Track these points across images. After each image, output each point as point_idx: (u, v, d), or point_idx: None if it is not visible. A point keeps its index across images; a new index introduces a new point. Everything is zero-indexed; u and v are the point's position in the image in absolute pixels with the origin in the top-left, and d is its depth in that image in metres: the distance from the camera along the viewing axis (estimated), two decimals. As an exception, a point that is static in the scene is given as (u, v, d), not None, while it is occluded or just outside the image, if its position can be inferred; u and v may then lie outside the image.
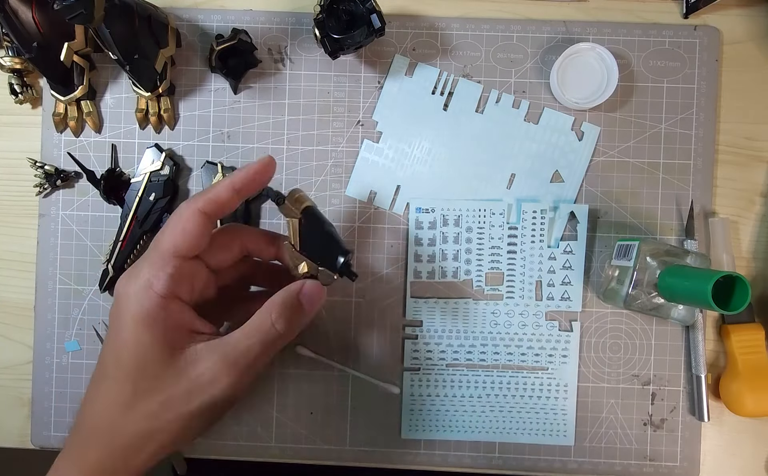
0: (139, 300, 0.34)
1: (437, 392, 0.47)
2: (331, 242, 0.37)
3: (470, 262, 0.47)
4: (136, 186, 0.46)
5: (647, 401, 0.47)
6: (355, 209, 0.47)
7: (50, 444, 0.48)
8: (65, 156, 0.47)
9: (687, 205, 0.47)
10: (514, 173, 0.47)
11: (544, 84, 0.47)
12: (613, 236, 0.47)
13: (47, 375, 0.48)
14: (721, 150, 0.47)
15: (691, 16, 0.47)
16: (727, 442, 0.48)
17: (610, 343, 0.47)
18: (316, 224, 0.38)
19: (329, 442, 0.48)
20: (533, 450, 0.47)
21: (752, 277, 0.47)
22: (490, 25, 0.47)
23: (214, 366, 0.34)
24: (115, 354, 0.35)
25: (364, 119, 0.48)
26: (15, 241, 0.48)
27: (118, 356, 0.34)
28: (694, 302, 0.38)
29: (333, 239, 0.38)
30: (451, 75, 0.47)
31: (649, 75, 0.47)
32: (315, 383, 0.48)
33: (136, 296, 0.34)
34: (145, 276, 0.34)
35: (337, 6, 0.42)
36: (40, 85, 0.48)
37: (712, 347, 0.48)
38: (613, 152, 0.47)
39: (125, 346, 0.34)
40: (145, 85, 0.45)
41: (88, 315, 0.48)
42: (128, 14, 0.41)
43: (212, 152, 0.48)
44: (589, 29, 0.47)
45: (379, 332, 0.48)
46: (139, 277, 0.35)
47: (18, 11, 0.41)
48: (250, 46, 0.46)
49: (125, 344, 0.34)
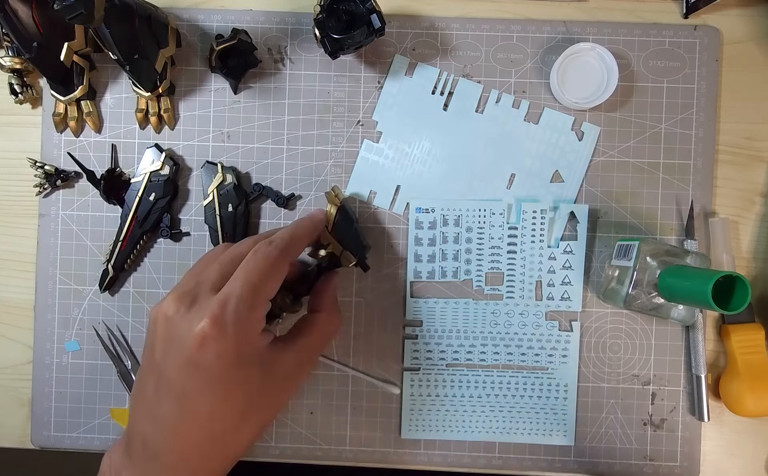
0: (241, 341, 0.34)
1: (437, 392, 0.47)
2: (356, 234, 0.44)
3: (470, 262, 0.47)
4: (136, 186, 0.46)
5: (647, 401, 0.47)
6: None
7: (50, 444, 0.48)
8: (65, 156, 0.47)
9: (687, 205, 0.47)
10: (514, 173, 0.47)
11: (544, 84, 0.47)
12: (613, 236, 0.47)
13: (47, 375, 0.48)
14: (721, 150, 0.47)
15: (691, 16, 0.47)
16: (727, 442, 0.48)
17: (610, 343, 0.47)
18: (348, 216, 0.44)
19: (329, 442, 0.48)
20: (533, 450, 0.47)
21: (752, 277, 0.47)
22: (490, 25, 0.47)
23: (296, 369, 0.38)
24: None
25: (364, 119, 0.48)
26: (15, 241, 0.48)
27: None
28: (694, 302, 0.38)
29: (358, 232, 0.45)
30: (451, 75, 0.47)
31: (649, 75, 0.47)
32: (315, 383, 0.48)
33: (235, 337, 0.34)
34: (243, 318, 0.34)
35: (337, 6, 0.42)
36: (40, 85, 0.48)
37: (712, 347, 0.48)
38: (613, 152, 0.47)
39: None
40: (145, 85, 0.45)
41: (88, 315, 0.48)
42: (128, 14, 0.41)
43: (212, 152, 0.48)
44: (589, 29, 0.47)
45: (379, 332, 0.48)
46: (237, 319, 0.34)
47: (18, 11, 0.41)
48: (250, 46, 0.46)
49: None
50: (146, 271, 0.48)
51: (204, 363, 0.32)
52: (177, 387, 0.33)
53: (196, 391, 0.33)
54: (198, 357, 0.32)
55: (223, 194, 0.46)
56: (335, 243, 0.44)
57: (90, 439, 0.48)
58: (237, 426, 0.35)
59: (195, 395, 0.33)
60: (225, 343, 0.33)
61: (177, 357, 0.33)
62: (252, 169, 0.48)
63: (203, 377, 0.33)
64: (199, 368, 0.33)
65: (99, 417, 0.48)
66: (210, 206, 0.46)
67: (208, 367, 0.33)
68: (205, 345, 0.32)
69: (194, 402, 0.33)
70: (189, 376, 0.33)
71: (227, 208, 0.46)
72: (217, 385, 0.33)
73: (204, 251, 0.48)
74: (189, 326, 0.33)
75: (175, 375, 0.33)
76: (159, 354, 0.34)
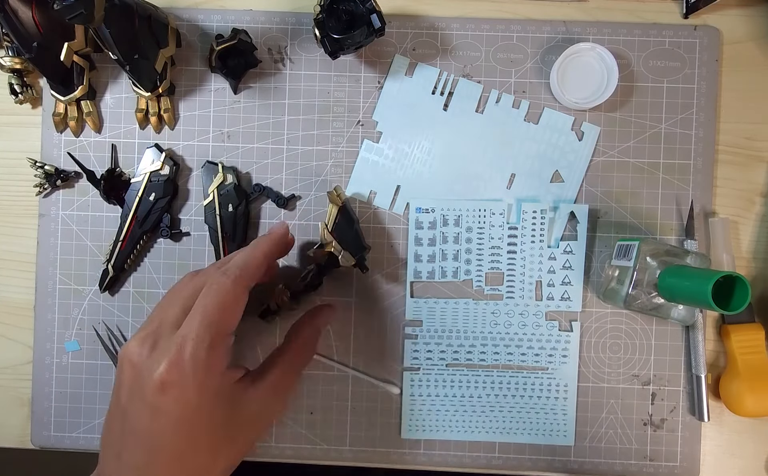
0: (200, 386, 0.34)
1: (437, 392, 0.47)
2: (357, 235, 0.44)
3: (470, 262, 0.47)
4: (136, 186, 0.46)
5: (647, 401, 0.47)
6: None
7: (50, 444, 0.48)
8: (65, 156, 0.47)
9: (687, 205, 0.47)
10: (514, 173, 0.47)
11: (544, 84, 0.47)
12: (613, 236, 0.47)
13: (47, 375, 0.48)
14: (721, 150, 0.47)
15: (691, 16, 0.47)
16: (727, 442, 0.48)
17: (610, 343, 0.47)
18: (349, 217, 0.44)
19: (329, 442, 0.48)
20: (533, 450, 0.47)
21: (752, 277, 0.47)
22: (490, 25, 0.47)
23: (268, 406, 0.38)
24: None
25: (364, 119, 0.48)
26: (15, 241, 0.48)
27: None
28: (694, 302, 0.38)
29: (358, 233, 0.45)
30: (451, 75, 0.47)
31: (649, 75, 0.47)
32: (315, 383, 0.48)
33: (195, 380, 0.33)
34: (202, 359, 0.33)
35: (337, 6, 0.42)
36: (40, 85, 0.48)
37: (712, 347, 0.48)
38: (613, 152, 0.47)
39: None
40: (145, 85, 0.45)
41: (88, 315, 0.48)
42: (128, 14, 0.41)
43: (212, 152, 0.48)
44: (589, 29, 0.47)
45: (379, 333, 0.48)
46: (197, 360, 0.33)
47: (18, 11, 0.41)
48: (250, 46, 0.46)
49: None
50: (146, 271, 0.48)
51: (165, 407, 0.32)
52: (142, 430, 0.33)
53: (161, 434, 0.33)
54: (159, 402, 0.32)
55: (224, 194, 0.46)
56: (336, 244, 0.43)
57: (90, 439, 0.48)
58: (208, 465, 0.35)
59: (160, 438, 0.33)
60: (184, 386, 0.32)
61: (140, 401, 0.33)
62: (252, 169, 0.48)
63: (166, 420, 0.33)
64: (161, 412, 0.32)
65: (99, 417, 0.48)
66: (210, 206, 0.46)
67: (170, 411, 0.32)
68: (165, 390, 0.32)
69: (160, 445, 0.33)
70: (153, 420, 0.33)
71: (227, 208, 0.46)
72: (180, 427, 0.33)
73: (204, 252, 0.48)
74: (150, 371, 0.32)
75: (140, 419, 0.33)
76: (125, 398, 0.34)
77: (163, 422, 0.33)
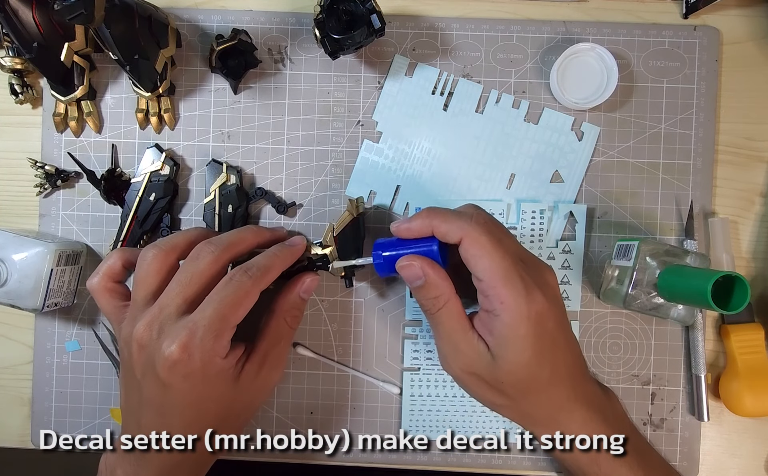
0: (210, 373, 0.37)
1: (437, 392, 0.48)
2: (358, 251, 0.44)
3: (470, 262, 0.47)
4: (137, 186, 0.46)
5: (647, 401, 0.47)
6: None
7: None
8: (65, 156, 0.47)
9: (687, 205, 0.47)
10: (513, 173, 0.47)
11: (544, 84, 0.47)
12: (612, 236, 0.47)
13: (47, 375, 0.48)
14: (721, 150, 0.47)
15: (690, 17, 0.47)
16: (727, 442, 0.48)
17: (610, 343, 0.47)
18: (357, 232, 0.45)
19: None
20: (533, 450, 0.47)
21: (752, 277, 0.48)
22: (490, 25, 0.47)
23: (262, 376, 0.41)
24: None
25: (364, 119, 0.48)
26: (15, 241, 0.48)
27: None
28: (694, 302, 0.38)
29: (359, 250, 0.45)
30: (451, 75, 0.47)
31: (648, 75, 0.47)
32: (315, 383, 0.48)
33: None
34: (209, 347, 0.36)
35: (337, 6, 0.42)
36: (40, 85, 0.48)
37: (712, 347, 0.48)
38: (612, 152, 0.47)
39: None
40: (145, 85, 0.45)
41: (88, 315, 0.48)
42: (128, 14, 0.41)
43: (212, 152, 0.48)
44: (589, 29, 0.47)
45: (379, 332, 0.48)
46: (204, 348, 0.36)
47: (18, 11, 0.41)
48: (250, 47, 0.46)
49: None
50: (146, 271, 0.48)
51: (174, 383, 0.36)
52: (155, 402, 0.37)
53: (172, 406, 0.37)
54: (169, 378, 0.36)
55: (225, 195, 0.46)
56: (335, 249, 0.43)
57: (90, 439, 0.48)
58: (216, 430, 0.39)
59: (171, 409, 0.37)
60: (192, 366, 0.36)
61: (152, 377, 0.37)
62: (252, 169, 0.48)
63: (176, 395, 0.37)
64: (172, 388, 0.36)
65: (99, 417, 0.48)
66: (210, 205, 0.46)
67: (179, 387, 0.36)
68: (174, 369, 0.35)
69: (172, 414, 0.38)
70: (164, 395, 0.37)
71: (227, 208, 0.46)
72: (189, 400, 0.37)
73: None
74: (160, 351, 0.36)
75: (153, 393, 0.37)
76: (139, 374, 0.37)
77: (174, 396, 0.37)
